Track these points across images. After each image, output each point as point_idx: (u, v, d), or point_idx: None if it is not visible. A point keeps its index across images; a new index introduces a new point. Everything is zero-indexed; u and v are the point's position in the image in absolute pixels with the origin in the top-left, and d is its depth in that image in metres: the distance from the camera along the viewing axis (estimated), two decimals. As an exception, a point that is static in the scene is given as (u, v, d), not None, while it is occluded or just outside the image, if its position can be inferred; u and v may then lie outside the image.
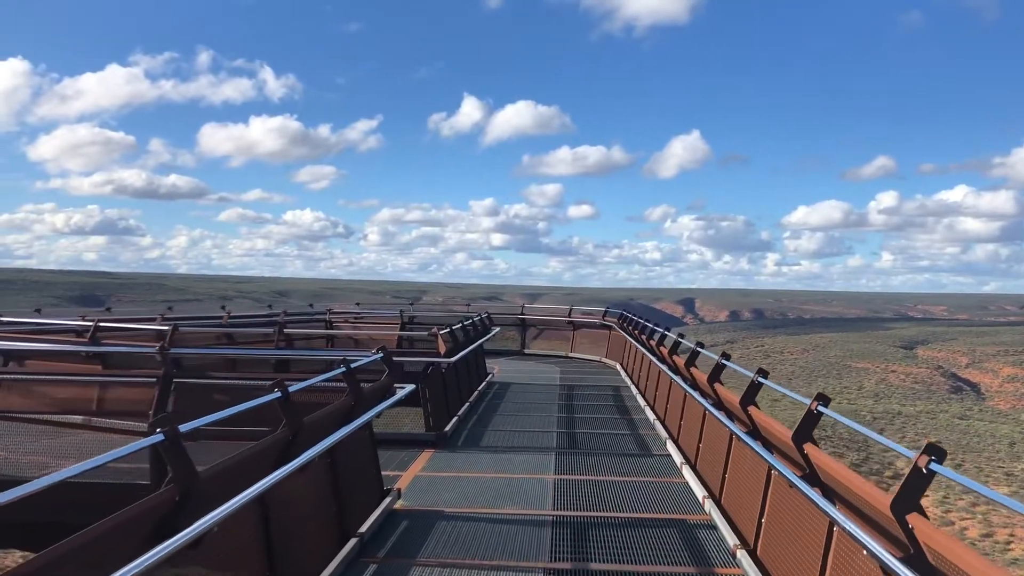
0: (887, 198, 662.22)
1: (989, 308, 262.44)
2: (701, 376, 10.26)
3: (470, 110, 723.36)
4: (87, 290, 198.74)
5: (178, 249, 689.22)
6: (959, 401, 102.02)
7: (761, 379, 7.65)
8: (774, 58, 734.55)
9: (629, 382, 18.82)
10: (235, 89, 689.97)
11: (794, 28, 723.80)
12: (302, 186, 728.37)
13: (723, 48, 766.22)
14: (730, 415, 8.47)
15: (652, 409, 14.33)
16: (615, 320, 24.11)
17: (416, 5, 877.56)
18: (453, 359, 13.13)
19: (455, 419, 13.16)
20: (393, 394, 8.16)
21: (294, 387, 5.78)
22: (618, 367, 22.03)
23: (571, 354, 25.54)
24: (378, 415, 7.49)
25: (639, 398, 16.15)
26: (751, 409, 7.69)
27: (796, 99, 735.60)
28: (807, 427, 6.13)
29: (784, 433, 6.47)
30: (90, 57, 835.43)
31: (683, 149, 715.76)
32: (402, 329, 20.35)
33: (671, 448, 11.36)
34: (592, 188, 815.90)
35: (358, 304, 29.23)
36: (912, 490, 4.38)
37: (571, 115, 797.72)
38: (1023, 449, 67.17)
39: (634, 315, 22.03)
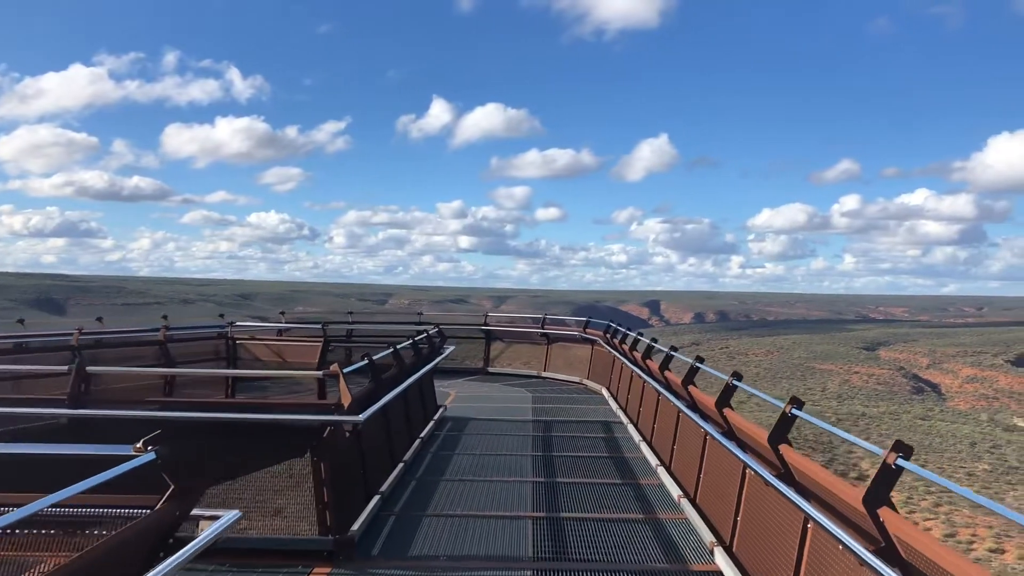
0: (850, 201, 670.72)
1: (948, 310, 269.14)
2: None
3: (439, 112, 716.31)
4: (44, 293, 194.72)
5: (140, 252, 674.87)
6: (920, 402, 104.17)
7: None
8: (744, 62, 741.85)
9: (622, 415, 15.25)
10: (201, 90, 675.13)
11: (762, 34, 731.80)
12: (268, 188, 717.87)
13: (693, 52, 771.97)
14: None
15: (668, 470, 10.43)
16: (600, 334, 20.32)
17: (386, 7, 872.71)
18: (362, 416, 7.66)
19: (376, 500, 8.56)
20: (178, 545, 3.62)
21: None
22: (604, 392, 18.27)
23: (544, 373, 21.69)
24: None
25: (643, 446, 12.37)
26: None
27: (765, 103, 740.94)
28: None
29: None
30: (53, 56, 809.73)
31: (651, 152, 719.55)
32: (323, 354, 13.86)
33: (721, 560, 6.99)
34: (560, 191, 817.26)
35: (283, 314, 24.66)
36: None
37: (540, 118, 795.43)
38: (983, 449, 68.81)
39: (624, 328, 18.49)
